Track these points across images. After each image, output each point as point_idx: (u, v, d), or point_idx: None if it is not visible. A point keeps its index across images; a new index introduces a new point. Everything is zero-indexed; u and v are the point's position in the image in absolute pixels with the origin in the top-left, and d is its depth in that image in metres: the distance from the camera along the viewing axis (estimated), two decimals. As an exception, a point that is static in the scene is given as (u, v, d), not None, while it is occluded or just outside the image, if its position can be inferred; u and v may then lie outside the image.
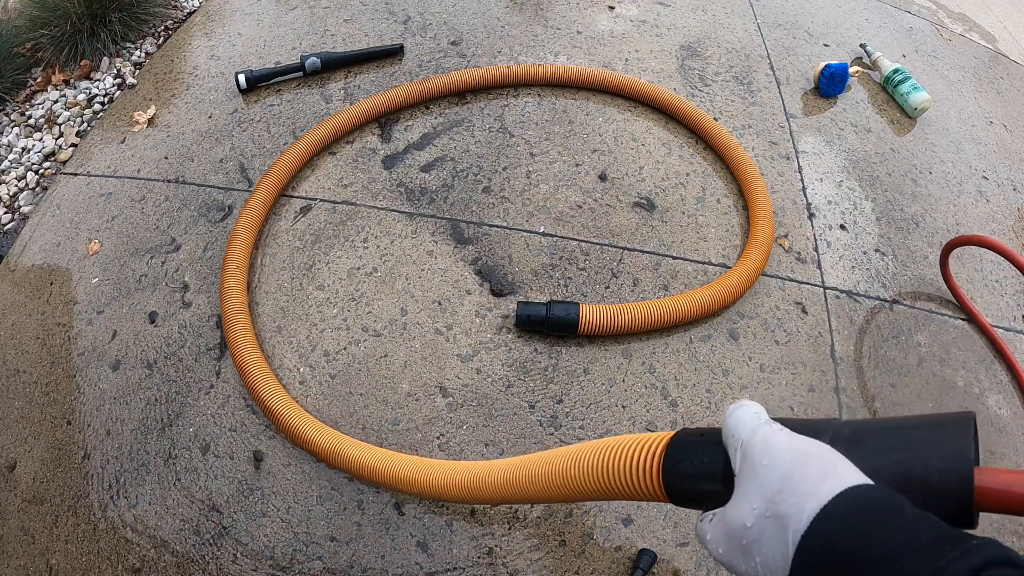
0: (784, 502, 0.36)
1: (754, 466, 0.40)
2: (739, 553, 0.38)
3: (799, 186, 1.46)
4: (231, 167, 1.39)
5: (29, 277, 1.25)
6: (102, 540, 0.97)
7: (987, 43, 2.14)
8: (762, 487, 0.38)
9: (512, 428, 1.07)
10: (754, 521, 0.37)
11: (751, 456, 0.40)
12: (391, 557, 0.95)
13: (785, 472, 0.38)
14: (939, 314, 1.30)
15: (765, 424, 0.42)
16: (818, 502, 0.35)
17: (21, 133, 1.55)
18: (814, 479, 0.36)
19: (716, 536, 0.41)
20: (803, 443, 0.40)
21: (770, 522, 0.36)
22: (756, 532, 0.37)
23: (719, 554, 0.41)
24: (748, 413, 0.43)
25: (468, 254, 1.26)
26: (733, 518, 0.39)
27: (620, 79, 1.54)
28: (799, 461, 0.38)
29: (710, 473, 0.45)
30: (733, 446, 0.42)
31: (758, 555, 0.37)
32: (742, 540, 0.38)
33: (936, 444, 0.40)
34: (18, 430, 1.08)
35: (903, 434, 0.41)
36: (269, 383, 1.04)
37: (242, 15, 1.74)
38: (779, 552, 0.35)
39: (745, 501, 0.39)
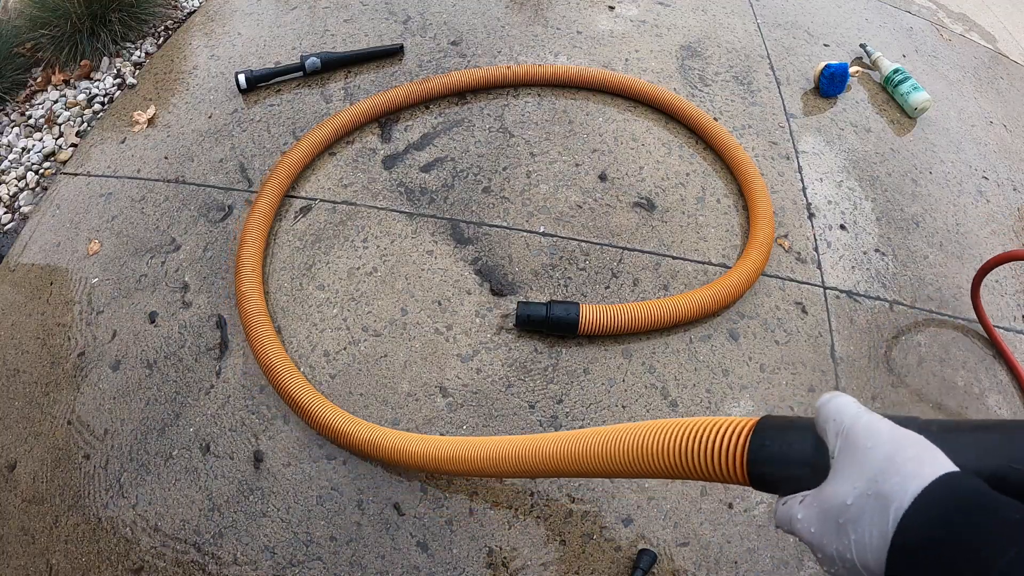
0: (887, 482, 0.38)
1: (857, 446, 0.41)
2: (833, 532, 0.40)
3: (799, 186, 1.46)
4: (231, 167, 1.39)
5: (29, 277, 1.25)
6: (102, 540, 0.97)
7: (987, 43, 2.14)
8: (865, 467, 0.40)
9: (512, 428, 1.07)
10: (855, 499, 0.39)
11: (855, 438, 0.42)
12: (391, 557, 0.95)
13: (889, 454, 0.39)
14: (939, 314, 1.30)
15: (867, 411, 0.44)
16: (920, 483, 0.36)
17: (21, 133, 1.55)
18: (916, 462, 0.38)
19: (808, 515, 0.42)
20: (903, 431, 0.42)
21: (871, 500, 0.38)
22: (856, 510, 0.39)
23: (809, 533, 0.42)
24: (849, 401, 0.45)
25: (468, 254, 1.27)
26: (832, 496, 0.41)
27: (620, 79, 1.54)
28: (901, 445, 0.40)
29: (799, 459, 0.47)
30: (834, 430, 0.44)
31: (854, 533, 0.38)
32: (839, 518, 0.39)
33: (1017, 444, 0.42)
34: (18, 430, 1.08)
35: (988, 433, 0.43)
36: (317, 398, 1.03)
37: (242, 15, 1.74)
38: (877, 530, 0.37)
39: (846, 481, 0.40)
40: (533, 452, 0.78)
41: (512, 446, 0.82)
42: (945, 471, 0.37)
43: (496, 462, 0.83)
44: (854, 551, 0.38)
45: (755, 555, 0.98)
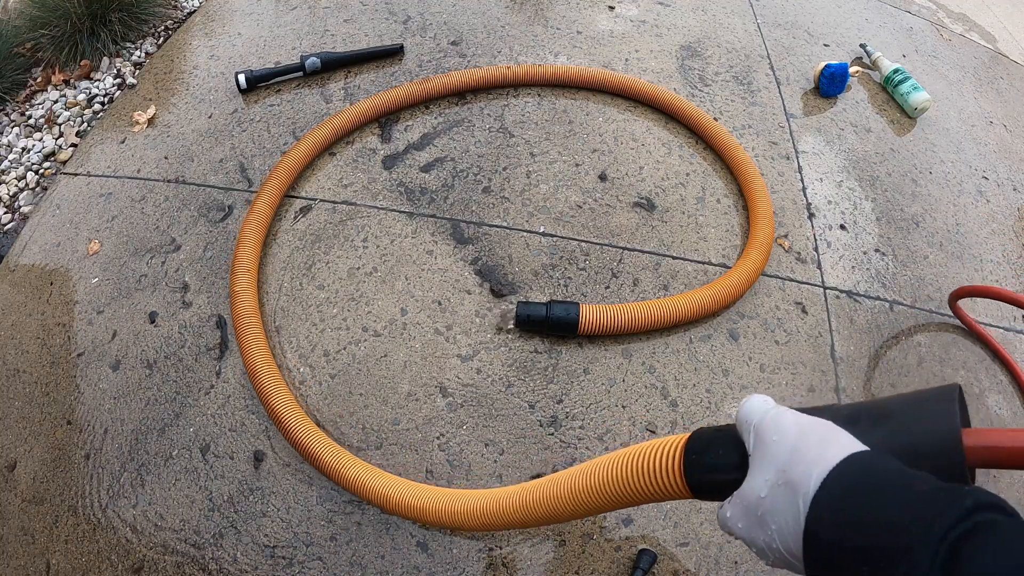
0: (793, 470, 0.40)
1: (765, 442, 0.43)
2: (756, 525, 0.42)
3: (799, 186, 1.46)
4: (231, 167, 1.39)
5: (29, 277, 1.25)
6: (102, 540, 0.97)
7: (987, 43, 2.14)
8: (773, 459, 0.42)
9: (512, 428, 1.07)
10: (768, 491, 0.41)
11: (762, 434, 0.44)
12: (391, 557, 0.95)
13: (793, 444, 0.41)
14: (939, 314, 1.30)
15: (773, 408, 0.46)
16: (824, 467, 0.38)
17: (21, 133, 1.55)
18: (819, 447, 0.40)
19: (735, 513, 0.44)
20: (808, 419, 0.44)
21: (782, 490, 0.40)
22: (770, 501, 0.40)
23: (739, 529, 0.44)
24: (759, 400, 0.47)
25: (468, 254, 1.27)
26: (749, 491, 0.43)
27: (620, 79, 1.54)
28: (804, 434, 0.42)
29: (728, 463, 0.49)
30: (746, 430, 0.46)
31: (773, 523, 0.40)
32: (758, 511, 0.41)
33: (925, 415, 0.44)
34: (18, 430, 1.08)
35: (894, 409, 0.46)
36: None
37: (242, 15, 1.74)
38: (791, 516, 0.38)
39: (759, 475, 0.42)
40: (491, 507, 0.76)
41: (468, 502, 0.79)
42: (849, 452, 0.39)
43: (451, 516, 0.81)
44: (777, 540, 0.40)
45: (755, 555, 0.98)
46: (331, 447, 0.96)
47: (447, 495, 0.84)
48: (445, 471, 1.02)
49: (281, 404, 1.01)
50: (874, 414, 0.46)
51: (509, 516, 0.73)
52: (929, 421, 0.44)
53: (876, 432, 0.44)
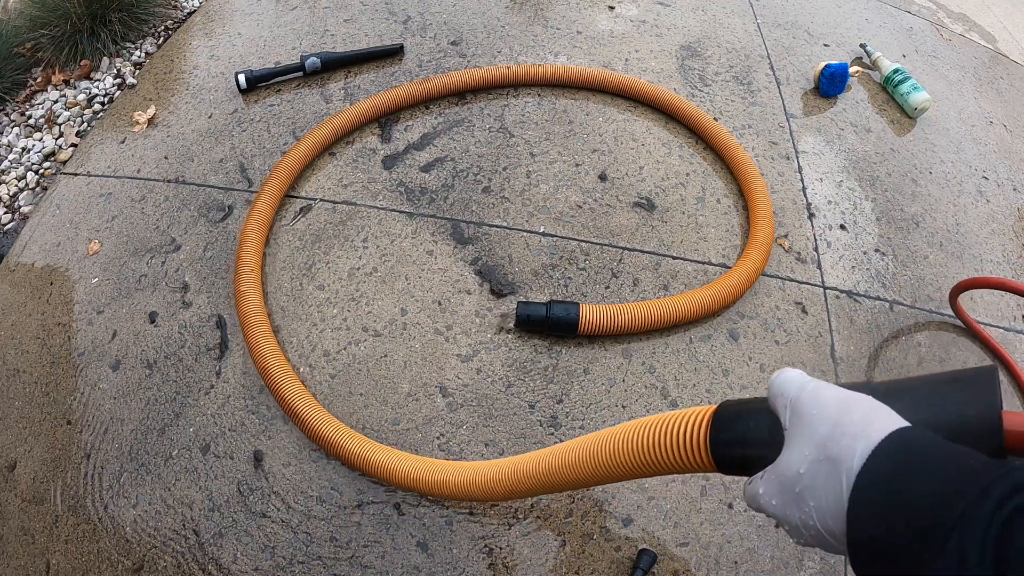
0: (836, 444, 0.38)
1: (804, 416, 0.41)
2: (793, 502, 0.40)
3: (799, 186, 1.46)
4: (231, 167, 1.39)
5: (29, 277, 1.25)
6: (102, 540, 0.97)
7: (987, 43, 2.14)
8: (814, 434, 0.40)
9: (512, 428, 1.07)
10: (807, 467, 0.39)
11: (801, 408, 0.42)
12: (391, 557, 0.95)
13: (835, 418, 0.39)
14: (939, 314, 1.30)
15: (811, 380, 0.44)
16: (868, 443, 0.37)
17: (21, 133, 1.55)
18: (862, 422, 0.38)
19: (769, 489, 0.43)
20: (848, 393, 0.42)
21: (823, 465, 0.38)
22: (809, 477, 0.39)
23: (773, 506, 0.42)
24: (794, 374, 0.46)
25: (468, 254, 1.27)
26: (786, 467, 0.41)
27: (620, 79, 1.54)
28: (847, 408, 0.40)
29: (757, 437, 0.48)
30: (782, 403, 0.44)
31: (812, 500, 0.38)
32: (795, 487, 0.40)
33: (966, 394, 0.43)
34: (18, 430, 1.08)
35: (934, 387, 0.44)
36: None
37: (242, 15, 1.74)
38: (833, 493, 0.37)
39: (797, 449, 0.41)
40: (511, 473, 0.76)
41: (490, 469, 0.80)
42: (894, 427, 0.37)
43: (472, 486, 0.82)
44: (815, 518, 0.38)
45: (755, 555, 0.98)
46: (354, 436, 0.98)
47: (465, 468, 0.84)
48: (445, 471, 1.03)
49: (298, 400, 1.02)
50: (912, 391, 0.45)
51: (530, 482, 0.72)
52: (969, 399, 0.43)
53: (916, 408, 0.43)
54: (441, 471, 0.87)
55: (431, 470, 0.88)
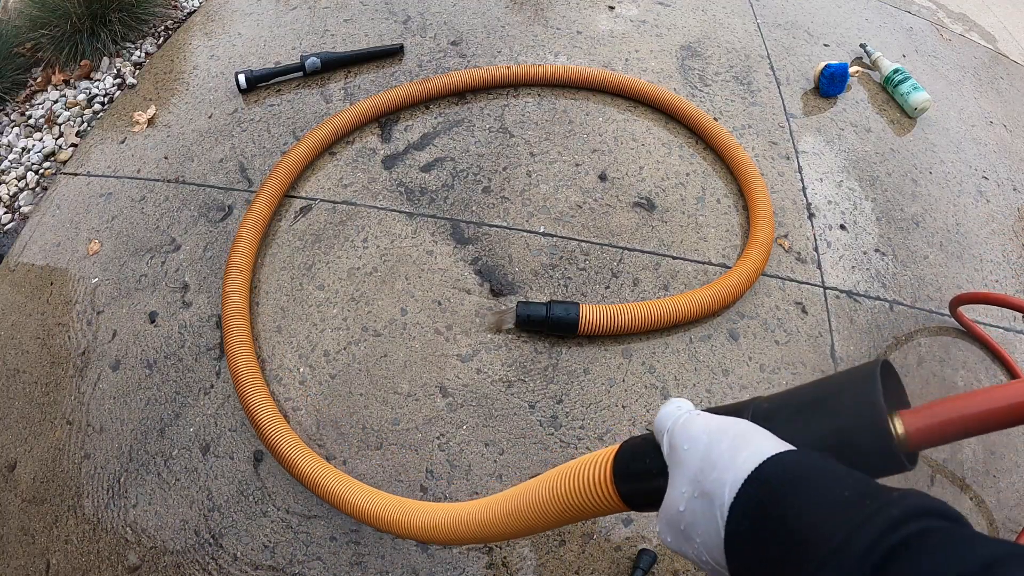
0: (707, 480, 0.37)
1: (677, 451, 0.40)
2: (682, 538, 0.39)
3: (799, 186, 1.46)
4: (231, 167, 1.39)
5: (29, 277, 1.25)
6: (102, 540, 0.97)
7: (987, 43, 2.14)
8: (687, 470, 0.39)
9: (512, 428, 1.07)
10: (686, 504, 0.38)
11: (674, 443, 0.41)
12: (391, 557, 0.95)
13: (704, 451, 0.38)
14: (939, 314, 1.30)
15: (685, 413, 0.43)
16: (737, 474, 0.35)
17: (21, 133, 1.55)
18: (730, 452, 0.37)
19: (662, 527, 0.42)
20: (719, 422, 0.40)
21: (699, 502, 0.37)
22: (689, 515, 0.38)
23: (669, 543, 0.41)
24: (672, 406, 0.44)
25: (468, 254, 1.26)
26: (669, 505, 0.40)
27: (620, 79, 1.54)
28: (716, 439, 0.39)
29: (653, 472, 0.46)
30: (660, 439, 0.44)
31: (696, 536, 0.37)
32: (680, 525, 0.39)
33: (845, 399, 0.40)
34: (18, 430, 1.08)
35: (815, 397, 0.42)
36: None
37: (242, 15, 1.74)
38: (712, 528, 0.36)
39: (676, 487, 0.40)
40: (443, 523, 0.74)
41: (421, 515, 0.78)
42: (764, 456, 0.35)
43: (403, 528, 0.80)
44: (704, 552, 0.37)
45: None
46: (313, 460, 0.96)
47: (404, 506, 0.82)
48: (445, 471, 1.02)
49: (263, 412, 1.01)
50: (795, 404, 0.42)
51: (460, 532, 0.71)
52: (852, 406, 0.40)
53: (797, 425, 0.40)
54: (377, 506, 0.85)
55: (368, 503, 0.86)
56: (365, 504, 0.87)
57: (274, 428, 0.99)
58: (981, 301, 1.19)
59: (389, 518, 0.82)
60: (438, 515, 0.75)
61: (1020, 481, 1.12)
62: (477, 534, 0.69)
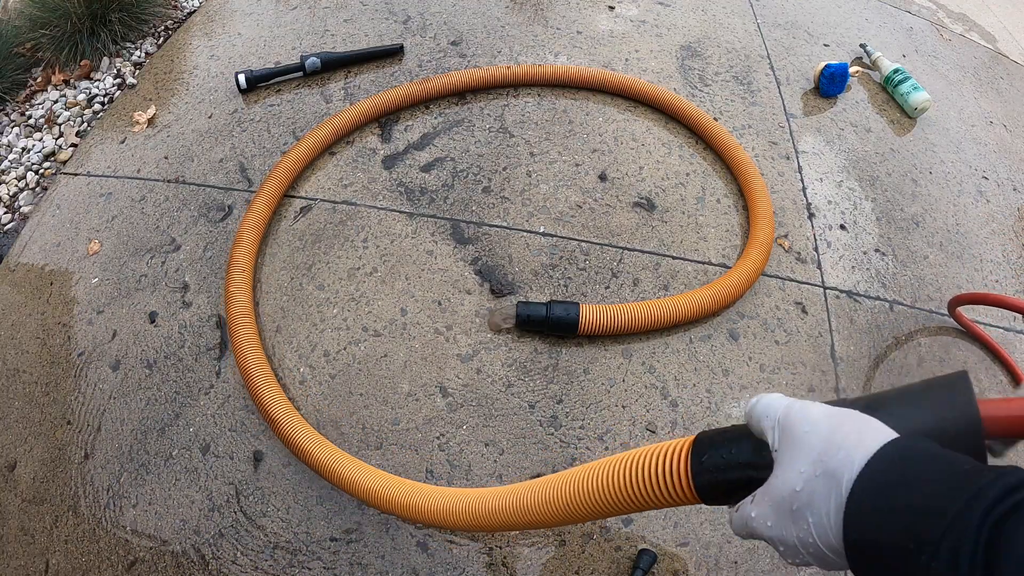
0: (832, 458, 0.38)
1: (796, 435, 0.42)
2: (789, 520, 0.40)
3: (799, 186, 1.46)
4: (231, 167, 1.39)
5: (29, 277, 1.25)
6: (102, 540, 0.97)
7: (987, 43, 2.14)
8: (808, 450, 0.40)
9: (512, 428, 1.07)
10: (803, 484, 0.39)
11: (791, 428, 0.43)
12: (391, 557, 0.95)
13: (827, 434, 0.40)
14: (939, 314, 1.30)
15: (796, 400, 0.45)
16: (865, 453, 0.37)
17: (21, 133, 1.55)
18: (856, 435, 0.39)
19: (762, 512, 0.43)
20: (836, 409, 0.43)
21: (820, 480, 0.38)
22: (806, 494, 0.39)
23: (767, 528, 0.42)
24: (777, 396, 0.46)
25: (468, 254, 1.26)
26: (781, 486, 0.41)
27: (620, 79, 1.54)
28: (838, 423, 0.41)
29: (741, 462, 0.48)
30: (769, 425, 0.45)
31: (810, 515, 0.38)
32: (792, 505, 0.40)
33: (943, 400, 0.45)
34: (18, 430, 1.08)
35: (911, 397, 0.46)
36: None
37: (242, 15, 1.74)
38: (832, 506, 0.37)
39: (792, 467, 0.41)
40: (484, 507, 0.74)
41: (463, 501, 0.77)
42: (888, 438, 0.38)
43: (443, 516, 0.79)
44: (814, 533, 0.38)
45: (755, 555, 0.98)
46: (329, 449, 0.96)
47: (447, 494, 0.82)
48: (445, 471, 1.02)
49: (277, 408, 1.01)
50: (891, 401, 0.46)
51: (506, 517, 0.71)
52: (947, 404, 0.44)
53: (898, 418, 0.43)
54: (417, 495, 0.84)
55: (408, 494, 0.85)
56: (382, 489, 0.87)
57: (289, 422, 0.99)
58: (979, 302, 1.19)
59: (428, 507, 0.81)
60: (481, 498, 0.75)
61: (1020, 481, 1.12)
62: (524, 519, 0.69)
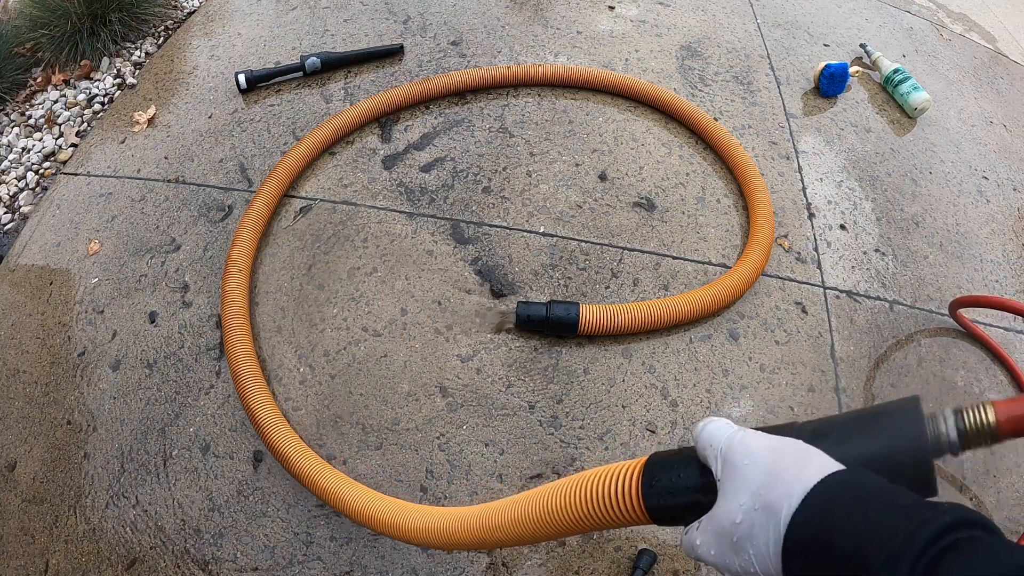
0: (771, 492, 0.39)
1: (736, 467, 0.42)
2: (731, 550, 0.40)
3: (799, 186, 1.46)
4: (231, 167, 1.39)
5: (29, 277, 1.25)
6: (102, 540, 0.97)
7: (987, 43, 2.14)
8: (748, 483, 0.41)
9: (512, 428, 1.07)
10: (743, 516, 0.40)
11: (732, 459, 0.43)
12: (391, 557, 0.95)
13: (767, 467, 0.40)
14: (939, 314, 1.30)
15: (739, 430, 0.45)
16: (803, 487, 0.37)
17: (21, 133, 1.55)
18: (796, 468, 0.39)
19: (706, 539, 0.43)
20: (778, 440, 0.43)
21: (759, 514, 0.39)
22: (746, 526, 0.39)
23: (711, 556, 0.43)
24: (721, 423, 0.46)
25: (468, 254, 1.27)
26: (722, 517, 0.41)
27: (620, 79, 1.54)
28: (778, 455, 0.41)
29: (689, 486, 0.48)
30: (712, 455, 0.45)
31: (750, 547, 0.39)
32: (733, 536, 0.40)
33: (892, 428, 0.44)
34: (18, 430, 1.08)
35: (861, 424, 0.45)
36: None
37: (242, 15, 1.74)
38: (771, 539, 0.38)
39: (733, 500, 0.41)
40: (452, 527, 0.73)
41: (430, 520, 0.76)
42: (828, 471, 0.38)
43: (410, 533, 0.79)
44: (755, 564, 0.39)
45: None
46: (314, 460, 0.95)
47: (411, 510, 0.81)
48: (445, 471, 1.02)
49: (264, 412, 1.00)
50: (839, 428, 0.45)
51: (469, 536, 0.70)
52: (896, 432, 0.44)
53: (844, 446, 0.43)
54: (381, 510, 0.84)
55: (372, 507, 0.85)
56: (363, 505, 0.86)
57: (276, 429, 0.99)
58: (980, 304, 1.19)
59: (390, 522, 0.81)
60: (442, 518, 0.74)
61: (1020, 481, 1.12)
62: (485, 539, 0.68)
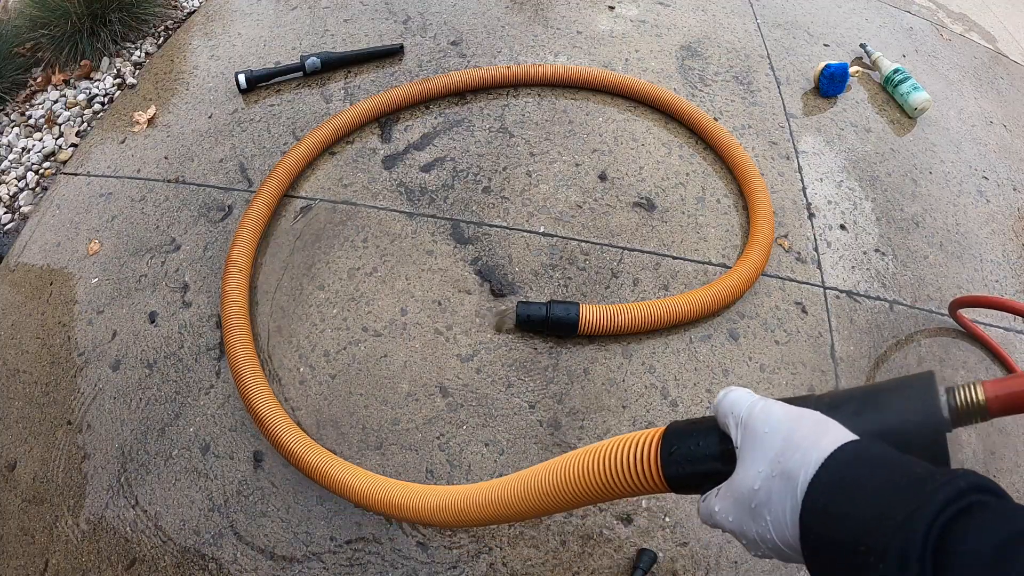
0: (789, 459, 0.40)
1: (756, 434, 0.43)
2: (749, 517, 0.41)
3: (799, 186, 1.46)
4: (231, 167, 1.39)
5: (29, 277, 1.25)
6: (102, 540, 0.97)
7: (987, 43, 2.14)
8: (767, 451, 0.42)
9: (512, 428, 1.07)
10: (761, 483, 0.41)
11: (752, 427, 0.44)
12: (391, 557, 0.95)
13: (786, 435, 0.41)
14: (939, 314, 1.30)
15: (760, 399, 0.46)
16: (820, 454, 0.38)
17: (21, 133, 1.55)
18: (813, 437, 0.40)
19: (725, 506, 0.44)
20: (797, 409, 0.44)
21: (777, 480, 0.40)
22: (764, 493, 0.40)
23: (729, 522, 0.44)
24: (743, 392, 0.47)
25: (468, 254, 1.26)
26: (741, 484, 0.42)
27: (620, 79, 1.54)
28: (797, 424, 0.42)
29: (708, 455, 0.49)
30: (733, 423, 0.46)
31: (768, 514, 0.40)
32: (751, 503, 0.41)
33: (907, 402, 0.45)
34: (18, 430, 1.08)
35: (876, 397, 0.46)
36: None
37: (242, 15, 1.74)
38: (788, 506, 0.38)
39: (752, 467, 0.42)
40: (463, 504, 0.74)
41: (443, 498, 0.78)
42: (844, 440, 0.39)
43: (425, 512, 0.80)
44: (772, 530, 0.39)
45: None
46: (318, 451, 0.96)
47: (424, 491, 0.82)
48: (445, 471, 1.02)
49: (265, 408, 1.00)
50: (855, 400, 0.46)
51: (485, 511, 0.71)
52: (911, 406, 0.45)
53: (859, 418, 0.44)
54: (394, 492, 0.85)
55: (385, 490, 0.86)
56: (374, 490, 0.87)
57: (279, 425, 0.99)
58: (980, 305, 1.19)
59: (405, 503, 0.82)
60: (457, 495, 0.75)
61: (1020, 481, 1.12)
62: (501, 512, 0.69)
